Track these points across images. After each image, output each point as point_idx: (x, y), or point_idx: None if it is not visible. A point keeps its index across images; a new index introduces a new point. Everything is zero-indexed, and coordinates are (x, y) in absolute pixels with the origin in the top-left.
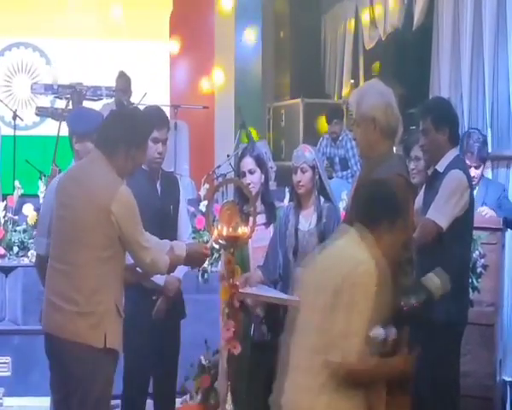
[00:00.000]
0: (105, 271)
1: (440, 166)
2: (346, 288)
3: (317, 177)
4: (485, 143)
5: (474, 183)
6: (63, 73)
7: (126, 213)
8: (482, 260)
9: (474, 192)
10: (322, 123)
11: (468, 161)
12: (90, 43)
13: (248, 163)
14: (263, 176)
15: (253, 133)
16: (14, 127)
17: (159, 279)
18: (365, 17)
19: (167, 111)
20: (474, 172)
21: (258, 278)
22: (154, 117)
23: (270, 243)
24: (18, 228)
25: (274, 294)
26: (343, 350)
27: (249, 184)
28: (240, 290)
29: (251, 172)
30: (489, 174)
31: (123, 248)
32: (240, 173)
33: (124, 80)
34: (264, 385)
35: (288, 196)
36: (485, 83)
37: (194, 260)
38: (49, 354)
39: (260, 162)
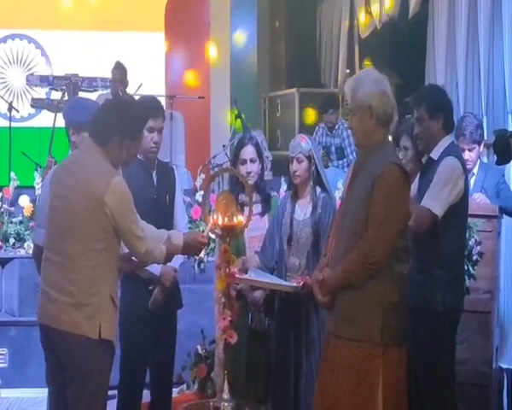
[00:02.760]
0: (99, 262)
1: (435, 154)
2: None
3: (313, 167)
4: (478, 126)
5: (468, 166)
6: (58, 65)
7: (120, 203)
8: (478, 248)
9: (473, 178)
10: (314, 113)
11: (460, 144)
12: (85, 35)
13: (250, 152)
14: (260, 166)
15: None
16: (10, 119)
17: (155, 269)
18: (360, 6)
19: (163, 101)
20: (467, 154)
21: (255, 263)
22: (149, 106)
23: (269, 230)
24: (14, 220)
25: (271, 279)
26: None
27: (249, 172)
28: (237, 276)
29: (252, 161)
30: (484, 161)
31: (117, 238)
32: (239, 161)
33: (120, 71)
34: (261, 374)
35: (284, 185)
36: (480, 71)
37: (191, 248)
38: (45, 345)
39: (259, 152)
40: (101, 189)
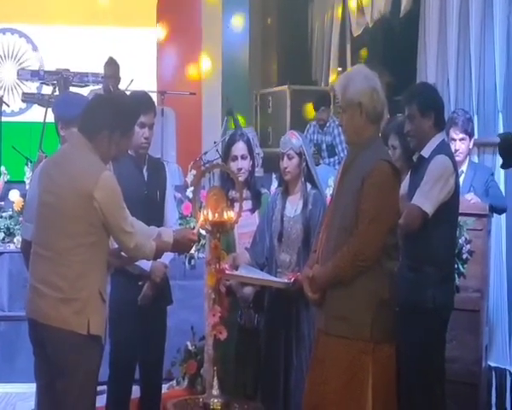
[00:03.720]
0: (88, 257)
1: (426, 152)
2: None
3: (303, 164)
4: (470, 119)
5: (457, 158)
6: (50, 60)
7: (109, 198)
8: (468, 246)
9: (462, 176)
10: (309, 110)
11: (451, 134)
12: (76, 30)
13: (241, 148)
14: (251, 162)
15: (241, 121)
16: (0, 113)
17: (145, 265)
18: (352, 4)
19: (154, 97)
20: (458, 144)
21: (245, 259)
22: (141, 102)
23: (259, 227)
24: (4, 214)
25: (262, 276)
26: None
27: (240, 169)
28: (228, 272)
29: (243, 158)
30: (475, 160)
31: (107, 233)
32: (230, 158)
33: (113, 67)
34: (250, 370)
35: (275, 182)
36: (471, 70)
37: (181, 245)
38: (33, 340)
39: (250, 149)
40: (90, 184)
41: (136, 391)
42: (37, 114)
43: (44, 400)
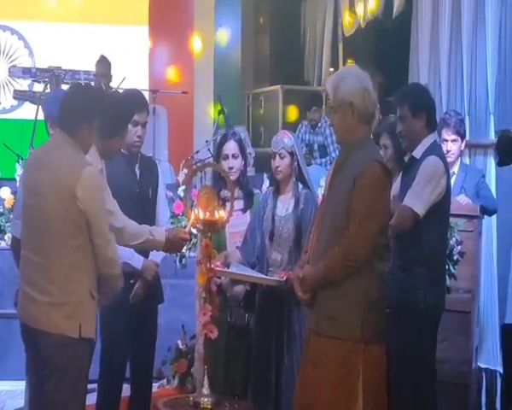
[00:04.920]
0: (76, 259)
1: (417, 153)
2: None
3: (295, 163)
4: (462, 121)
5: (449, 159)
6: (42, 57)
7: (91, 194)
8: (459, 247)
9: (453, 177)
10: (292, 112)
11: (443, 135)
12: (68, 28)
13: (232, 147)
14: (242, 162)
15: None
16: None
17: (137, 263)
18: (345, 4)
19: (146, 96)
20: (449, 145)
21: (237, 258)
22: (134, 100)
23: (250, 226)
24: None
25: (253, 273)
26: None
27: (231, 168)
28: (220, 269)
29: (234, 157)
30: (466, 162)
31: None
32: (221, 157)
33: (104, 65)
34: (241, 369)
35: (266, 181)
36: (463, 71)
37: (173, 244)
38: (25, 340)
39: (242, 148)
40: (71, 182)
41: (126, 390)
42: (28, 111)
43: (36, 397)
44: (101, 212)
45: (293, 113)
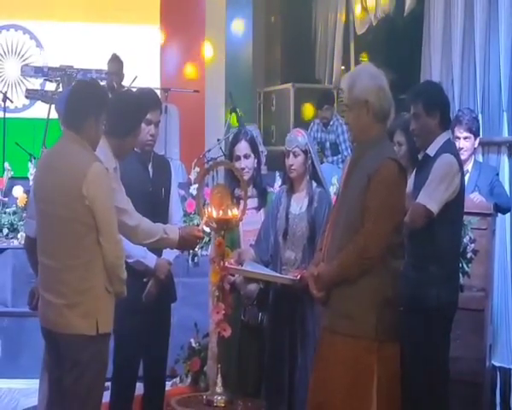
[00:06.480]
0: (89, 258)
1: (431, 151)
2: None
3: (309, 161)
4: (475, 119)
5: (462, 156)
6: (53, 56)
7: (97, 192)
8: (472, 245)
9: (467, 175)
10: (309, 109)
11: (456, 132)
12: (80, 27)
13: (244, 148)
14: (255, 160)
15: (233, 119)
16: (4, 110)
17: (150, 262)
18: (356, 2)
19: (158, 94)
20: (462, 143)
21: (250, 256)
22: (147, 99)
23: (263, 225)
24: (8, 210)
25: (266, 271)
26: None
27: (243, 168)
28: (234, 267)
29: (246, 157)
30: (479, 159)
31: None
32: (234, 157)
33: (116, 64)
34: (254, 368)
35: (278, 180)
36: (476, 69)
37: (187, 242)
38: (46, 341)
39: (254, 147)
40: (78, 182)
41: (139, 388)
42: (40, 110)
43: (55, 392)
44: (108, 211)
45: (309, 111)
